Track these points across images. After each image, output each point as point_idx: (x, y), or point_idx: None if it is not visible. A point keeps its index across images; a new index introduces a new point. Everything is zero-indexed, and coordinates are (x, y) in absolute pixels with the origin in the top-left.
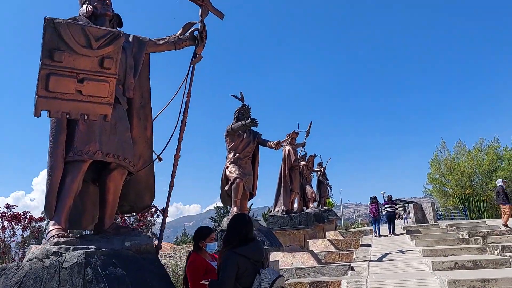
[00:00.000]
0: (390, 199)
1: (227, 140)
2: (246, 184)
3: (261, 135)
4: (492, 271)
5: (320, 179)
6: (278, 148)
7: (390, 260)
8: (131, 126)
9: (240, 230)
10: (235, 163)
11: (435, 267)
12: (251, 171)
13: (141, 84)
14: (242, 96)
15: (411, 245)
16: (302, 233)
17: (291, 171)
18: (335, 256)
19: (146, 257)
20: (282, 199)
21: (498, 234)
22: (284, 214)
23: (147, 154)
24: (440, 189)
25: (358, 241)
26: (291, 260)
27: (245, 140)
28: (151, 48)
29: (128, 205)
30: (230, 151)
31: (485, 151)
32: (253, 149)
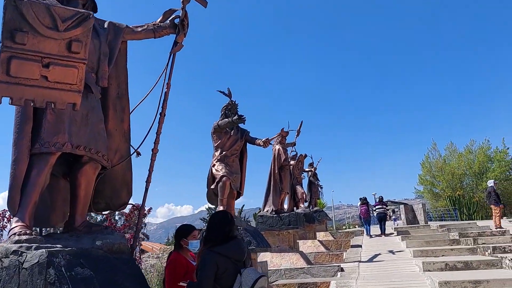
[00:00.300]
0: (381, 200)
1: (214, 138)
2: (233, 183)
3: (249, 133)
4: (483, 272)
5: (311, 180)
6: (266, 146)
7: (380, 261)
8: (106, 117)
9: (222, 228)
10: (222, 161)
11: (426, 268)
12: (238, 169)
13: (117, 74)
14: (230, 92)
15: (402, 246)
16: (292, 234)
17: (281, 171)
18: (325, 257)
19: (119, 257)
20: (272, 199)
21: (489, 235)
22: (274, 214)
23: (124, 148)
24: (431, 190)
25: (348, 241)
26: (280, 260)
27: (233, 137)
28: (129, 36)
29: (103, 202)
30: (216, 149)
31: (476, 152)
32: (240, 147)
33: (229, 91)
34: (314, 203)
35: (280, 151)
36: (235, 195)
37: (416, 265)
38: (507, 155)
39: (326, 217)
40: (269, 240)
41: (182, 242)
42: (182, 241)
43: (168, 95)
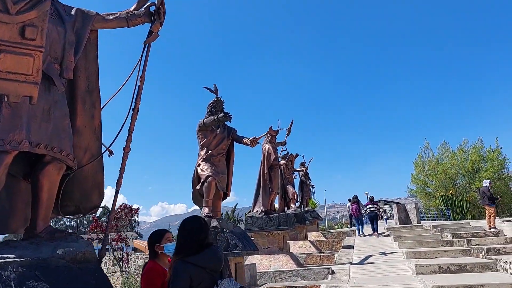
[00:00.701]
0: (372, 200)
1: (199, 136)
2: (219, 183)
3: (236, 131)
4: (478, 276)
5: (303, 179)
6: (253, 145)
7: (372, 263)
8: (75, 113)
9: (194, 236)
10: (208, 160)
11: (419, 271)
12: (225, 169)
13: (87, 66)
14: (216, 89)
15: (394, 247)
16: (282, 235)
17: (271, 171)
18: (316, 258)
19: (84, 267)
20: (261, 199)
21: (483, 235)
22: (263, 214)
23: (95, 147)
24: (423, 189)
25: (340, 242)
26: (269, 262)
27: (219, 136)
28: (99, 24)
29: (73, 205)
30: (202, 148)
31: (469, 152)
32: (227, 146)
33: (215, 88)
34: (306, 203)
35: (269, 150)
36: (222, 196)
37: (409, 268)
38: (500, 154)
39: (317, 217)
40: (259, 241)
41: (157, 249)
42: (157, 247)
43: (142, 89)
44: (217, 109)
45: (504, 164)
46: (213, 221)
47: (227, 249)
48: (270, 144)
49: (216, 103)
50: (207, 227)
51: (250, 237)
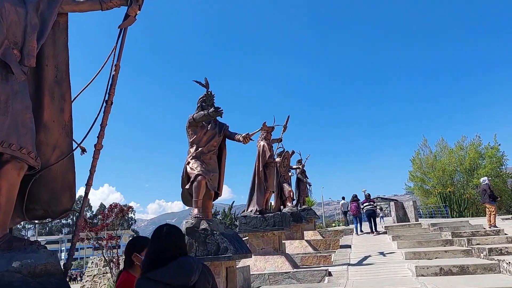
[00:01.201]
0: (369, 198)
1: (189, 132)
2: (209, 182)
3: (228, 127)
4: (481, 279)
5: (299, 177)
6: (246, 142)
7: (370, 264)
8: (41, 107)
9: (155, 247)
10: (198, 158)
11: (419, 273)
12: (216, 167)
13: (56, 54)
14: (207, 83)
15: (393, 247)
16: (277, 235)
17: (266, 168)
18: (312, 259)
19: (45, 281)
20: (256, 198)
21: (483, 234)
22: (258, 214)
23: (65, 144)
24: (421, 187)
25: (337, 241)
26: (264, 264)
27: (210, 132)
28: (69, 7)
29: (40, 208)
30: (192, 145)
31: (467, 149)
32: (219, 143)
33: (206, 81)
34: (303, 201)
35: (264, 147)
36: (213, 196)
37: (409, 269)
38: (498, 151)
39: (314, 216)
40: (253, 242)
41: (134, 258)
42: (135, 257)
43: (117, 79)
44: (208, 104)
45: (502, 161)
46: (202, 223)
47: (217, 253)
48: (265, 141)
49: (206, 98)
50: (171, 237)
51: (242, 239)
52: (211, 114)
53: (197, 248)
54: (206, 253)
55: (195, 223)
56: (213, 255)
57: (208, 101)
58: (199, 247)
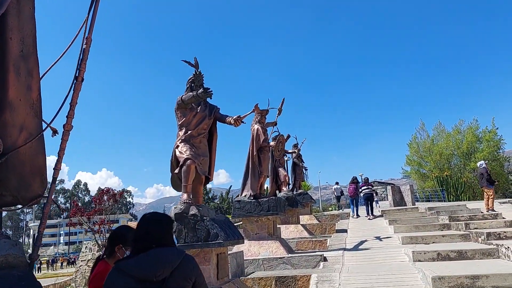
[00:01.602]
0: (367, 181)
1: (178, 115)
2: (199, 166)
3: (219, 110)
4: (480, 264)
5: (295, 161)
6: (238, 125)
7: (366, 249)
8: (5, 84)
9: (133, 237)
10: (187, 141)
11: (416, 258)
12: (206, 151)
13: (21, 25)
14: (196, 62)
15: (389, 231)
16: (272, 220)
17: (260, 152)
18: (308, 244)
19: (6, 274)
20: (250, 183)
21: (481, 218)
22: (252, 199)
23: (33, 124)
24: (418, 171)
25: (333, 225)
26: (258, 249)
27: (199, 114)
28: None
29: (9, 194)
30: (181, 128)
31: (464, 132)
32: (209, 126)
33: (196, 61)
34: (299, 186)
35: (259, 131)
36: (203, 181)
37: (406, 254)
38: (496, 135)
39: (310, 200)
40: (247, 227)
41: (117, 250)
42: (118, 249)
43: (88, 53)
44: (197, 85)
45: (500, 145)
46: (191, 208)
47: (207, 239)
48: (259, 124)
49: (195, 78)
50: (156, 224)
51: (234, 224)
52: (200, 95)
53: (186, 234)
54: (195, 240)
55: (184, 208)
56: (203, 242)
57: (197, 81)
58: (189, 233)
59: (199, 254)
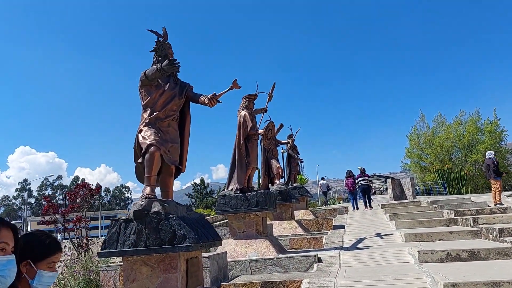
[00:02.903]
0: (363, 172)
1: (142, 93)
2: (166, 154)
3: (192, 88)
4: (497, 266)
5: (290, 153)
6: (212, 104)
7: (366, 248)
8: None
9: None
10: (152, 125)
11: (422, 258)
12: (177, 137)
13: None
14: (165, 33)
15: (391, 227)
16: (260, 216)
17: (248, 141)
18: (302, 242)
19: None
20: (236, 176)
21: (489, 212)
22: (238, 193)
23: None
24: (418, 163)
25: (331, 221)
26: (245, 249)
27: (168, 93)
28: None
29: None
30: (145, 109)
31: (466, 124)
32: (179, 107)
33: (165, 31)
34: (294, 179)
35: (246, 117)
36: (173, 172)
37: (410, 254)
38: (498, 126)
39: (306, 194)
40: (233, 224)
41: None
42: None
43: None
44: (159, 55)
45: (502, 137)
46: (154, 204)
47: (172, 242)
48: (247, 110)
49: (157, 47)
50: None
51: (210, 223)
52: (165, 68)
53: (147, 236)
54: (158, 243)
55: (145, 205)
56: (168, 245)
57: (160, 51)
58: (150, 235)
59: (164, 260)
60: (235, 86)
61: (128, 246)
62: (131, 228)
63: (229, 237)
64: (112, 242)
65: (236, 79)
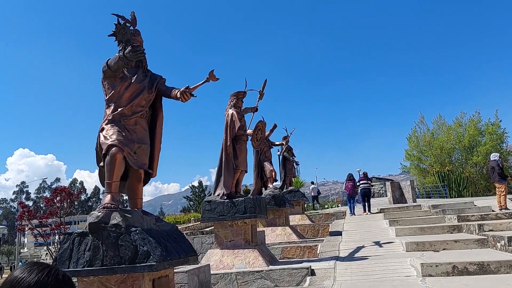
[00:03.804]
0: (366, 176)
1: (105, 86)
2: (132, 157)
3: (164, 81)
4: (509, 281)
5: (285, 155)
6: (185, 99)
7: (363, 259)
8: None
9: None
10: (116, 123)
11: (426, 272)
12: (145, 136)
13: None
14: (134, 18)
15: (390, 234)
16: (249, 224)
17: (236, 142)
18: (295, 251)
19: None
20: (223, 180)
21: (494, 218)
22: (225, 199)
23: None
24: (418, 166)
25: (327, 226)
26: (232, 260)
27: (134, 86)
28: None
29: None
30: (109, 104)
31: (466, 125)
32: (149, 102)
33: (133, 16)
34: (289, 182)
35: (233, 116)
36: (142, 177)
37: (412, 267)
38: (499, 128)
39: (302, 198)
40: (220, 233)
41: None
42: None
43: None
44: (120, 40)
45: (503, 138)
46: (114, 216)
47: (133, 261)
48: (235, 109)
49: (117, 31)
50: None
51: (184, 236)
52: (128, 56)
53: (104, 253)
54: (117, 261)
55: (102, 216)
56: (128, 264)
57: (122, 36)
58: (108, 252)
59: (125, 280)
60: (212, 77)
61: (82, 265)
62: (86, 244)
63: (215, 247)
64: (63, 260)
65: (213, 70)
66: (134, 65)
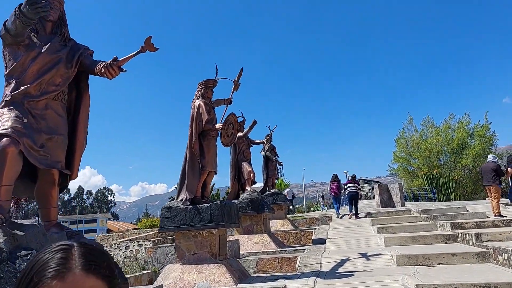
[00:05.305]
0: (354, 179)
1: (5, 57)
2: (37, 152)
3: (91, 53)
4: None
5: (268, 155)
6: (112, 74)
7: (348, 275)
8: None
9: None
10: (16, 105)
11: None
12: (60, 125)
13: None
14: None
15: (379, 243)
16: (216, 234)
17: (203, 139)
18: (272, 263)
19: None
20: (187, 182)
21: (491, 226)
22: (188, 204)
23: None
24: (406, 168)
25: (310, 233)
26: (194, 277)
27: (45, 57)
28: None
29: None
30: (9, 80)
31: (455, 127)
32: (68, 79)
33: None
34: (272, 184)
35: (201, 108)
36: (56, 180)
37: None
38: (489, 130)
39: (285, 201)
40: (182, 244)
41: None
42: None
43: None
44: None
45: (492, 141)
46: None
47: None
48: (203, 99)
49: None
50: None
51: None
52: (25, 11)
53: None
54: None
55: None
56: None
57: None
58: None
59: None
60: (148, 47)
61: None
62: None
63: (176, 261)
64: None
65: (150, 37)
66: (49, 31)
